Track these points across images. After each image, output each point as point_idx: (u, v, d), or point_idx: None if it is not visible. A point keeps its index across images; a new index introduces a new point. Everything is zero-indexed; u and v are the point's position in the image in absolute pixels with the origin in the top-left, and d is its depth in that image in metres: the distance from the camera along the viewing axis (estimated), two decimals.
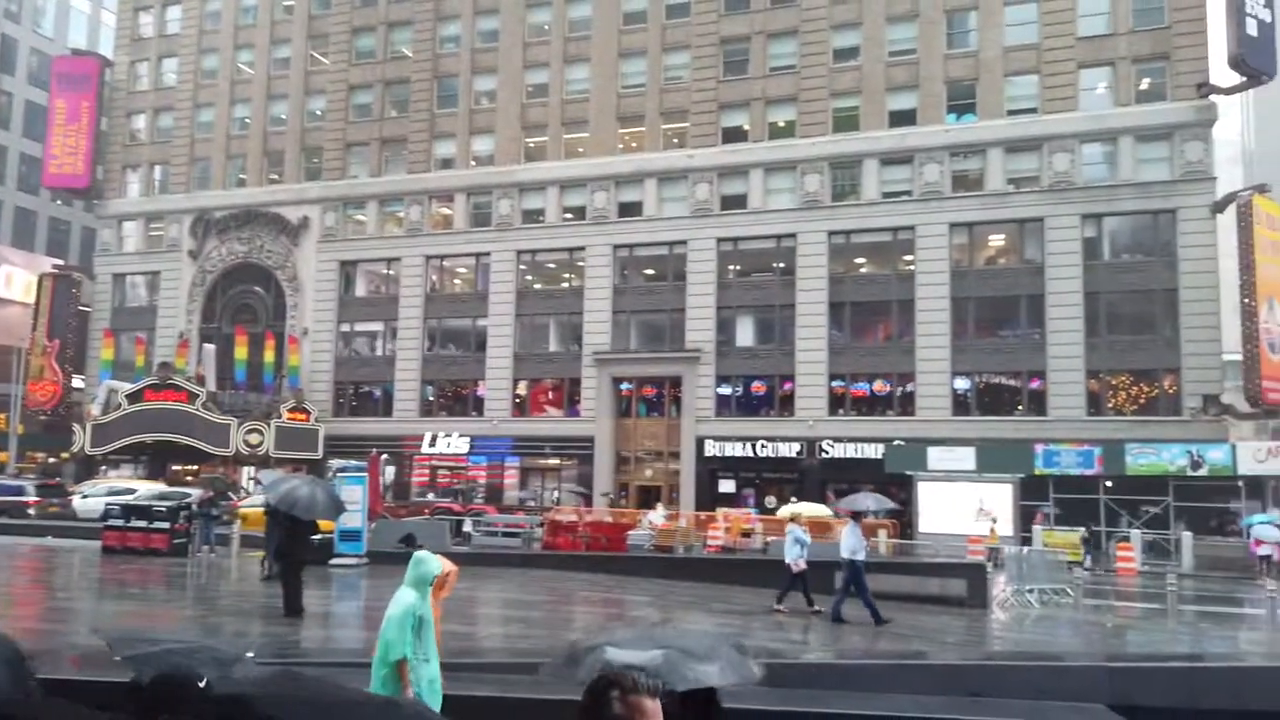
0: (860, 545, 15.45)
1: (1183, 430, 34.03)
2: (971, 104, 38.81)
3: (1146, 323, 36.20)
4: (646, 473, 42.62)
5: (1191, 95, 35.64)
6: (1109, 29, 37.02)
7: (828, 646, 13.13)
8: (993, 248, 39.54)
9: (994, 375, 37.99)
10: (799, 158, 40.69)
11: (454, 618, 14.33)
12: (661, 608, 16.66)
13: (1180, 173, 35.61)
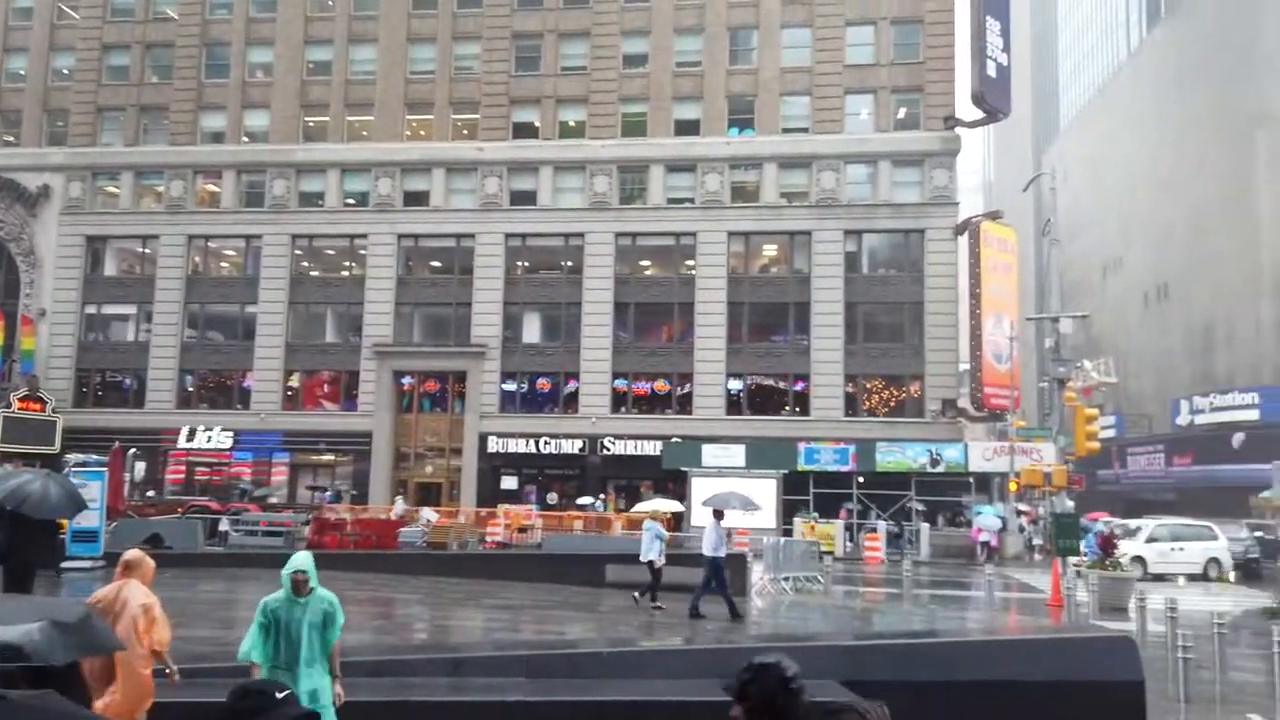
0: (722, 542, 15.60)
1: (925, 431, 37.50)
2: (751, 119, 40.86)
3: (897, 332, 39.55)
4: (427, 469, 41.71)
5: (940, 127, 39.34)
6: (873, 59, 40.15)
7: (593, 636, 13.44)
8: (766, 257, 41.81)
9: (764, 377, 40.16)
10: (589, 158, 41.24)
11: (205, 622, 13.42)
12: (432, 605, 16.39)
13: (929, 196, 39.21)
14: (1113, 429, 60.86)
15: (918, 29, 39.86)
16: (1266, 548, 29.98)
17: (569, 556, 19.99)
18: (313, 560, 6.45)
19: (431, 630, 14.40)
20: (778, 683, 2.90)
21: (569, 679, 7.97)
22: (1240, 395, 46.84)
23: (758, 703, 2.87)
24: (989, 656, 8.77)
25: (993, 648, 8.88)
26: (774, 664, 2.93)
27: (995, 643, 9.09)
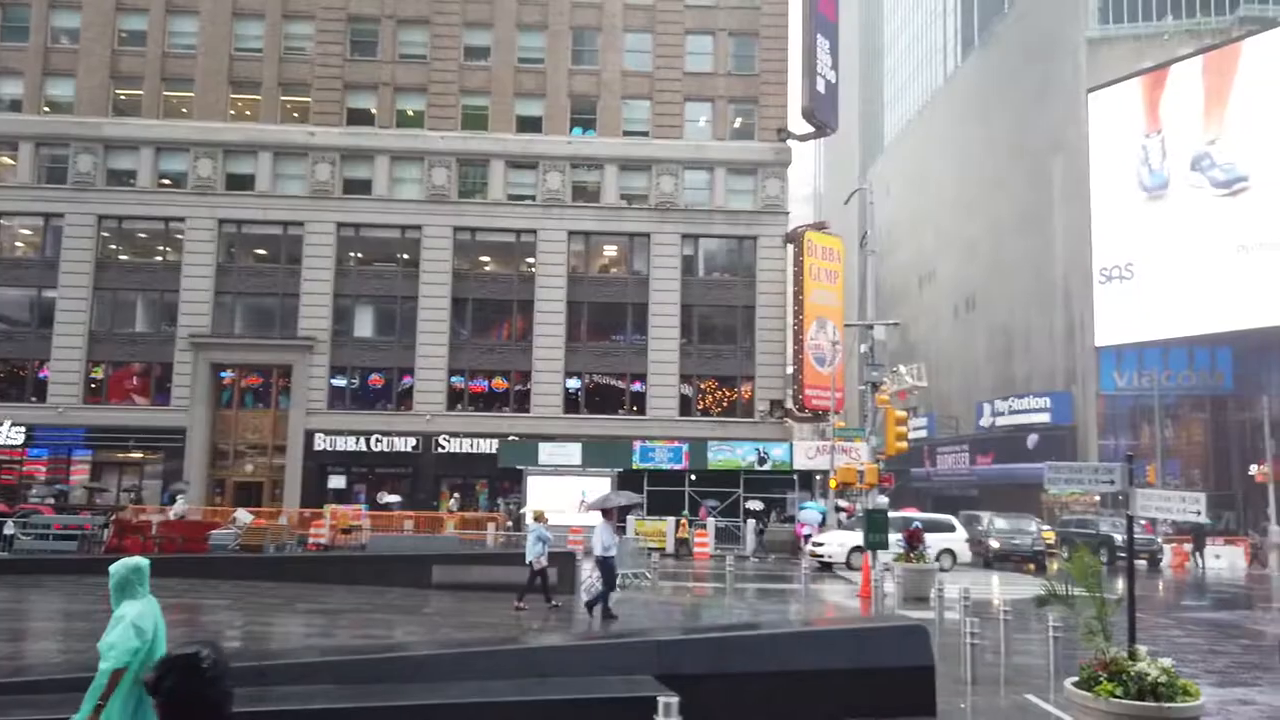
0: (612, 541, 15.67)
1: (754, 431, 38.88)
2: (593, 120, 41.11)
3: (730, 335, 40.80)
4: (247, 468, 39.61)
5: (773, 138, 40.86)
6: (712, 69, 41.24)
7: (413, 639, 13.18)
8: (606, 257, 42.18)
9: (602, 377, 40.49)
10: (427, 149, 40.34)
11: None
12: (242, 610, 15.60)
13: (762, 205, 40.66)
14: (924, 430, 65.15)
15: (754, 42, 41.25)
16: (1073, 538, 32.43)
17: (395, 558, 19.48)
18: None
19: (237, 637, 13.71)
20: (190, 673, 3.04)
21: (381, 684, 7.78)
22: (1035, 400, 51.10)
23: (175, 695, 2.96)
24: (794, 647, 9.20)
25: (797, 639, 9.34)
26: (189, 655, 3.08)
27: (799, 634, 9.55)
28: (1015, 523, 31.54)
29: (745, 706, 8.95)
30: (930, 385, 63.08)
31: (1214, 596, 24.75)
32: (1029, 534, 30.35)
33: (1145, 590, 25.65)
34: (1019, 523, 31.47)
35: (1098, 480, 8.57)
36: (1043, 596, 8.37)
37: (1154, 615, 20.34)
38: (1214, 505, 44.97)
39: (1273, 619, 20.72)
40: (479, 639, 12.11)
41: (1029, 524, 31.14)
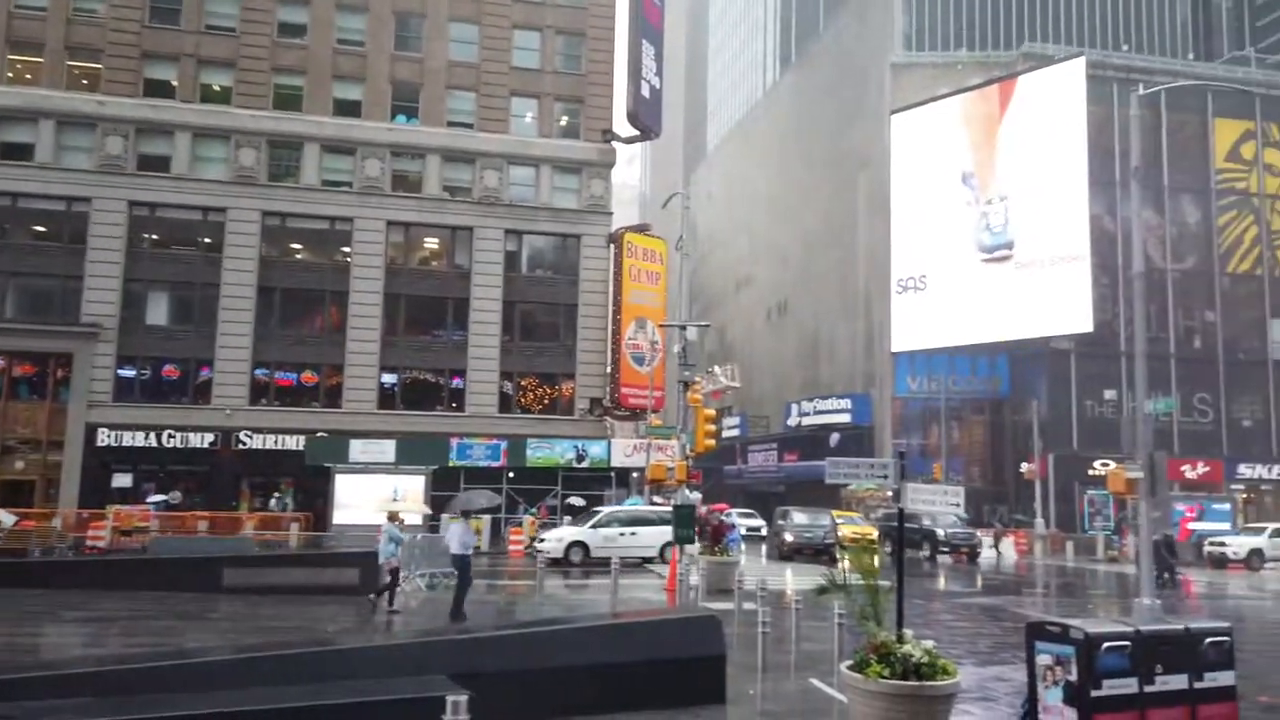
0: (471, 541, 15.73)
1: (574, 428, 39.13)
2: (415, 108, 40.07)
3: (552, 333, 40.85)
4: (17, 465, 36.00)
5: (599, 138, 41.24)
6: (539, 65, 41.14)
7: (196, 646, 12.41)
8: (427, 250, 41.23)
9: (420, 372, 39.55)
10: (235, 128, 38.06)
11: None
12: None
13: (586, 204, 40.95)
14: (737, 429, 67.63)
15: (580, 42, 41.49)
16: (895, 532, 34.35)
17: (181, 561, 18.20)
18: None
19: None
20: None
21: (147, 695, 7.28)
22: (837, 401, 54.10)
23: None
24: (591, 642, 9.35)
25: (594, 633, 9.49)
26: None
27: (596, 629, 9.72)
28: (814, 517, 32.80)
29: (544, 702, 9.01)
30: (744, 386, 65.55)
31: (987, 584, 27.05)
32: (822, 527, 31.51)
33: (938, 579, 27.74)
34: (816, 517, 32.74)
35: (873, 475, 9.19)
36: (823, 586, 8.89)
37: (934, 602, 22.03)
38: (990, 500, 49.24)
39: (1033, 603, 22.91)
40: (269, 643, 11.56)
41: (824, 518, 32.48)
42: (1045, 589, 25.90)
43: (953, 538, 33.16)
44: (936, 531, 32.98)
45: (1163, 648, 8.55)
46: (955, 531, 33.40)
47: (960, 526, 34.16)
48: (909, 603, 21.42)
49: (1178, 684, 8.48)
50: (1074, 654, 8.12)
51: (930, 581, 26.78)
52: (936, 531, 32.98)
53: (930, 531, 33.02)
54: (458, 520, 16.80)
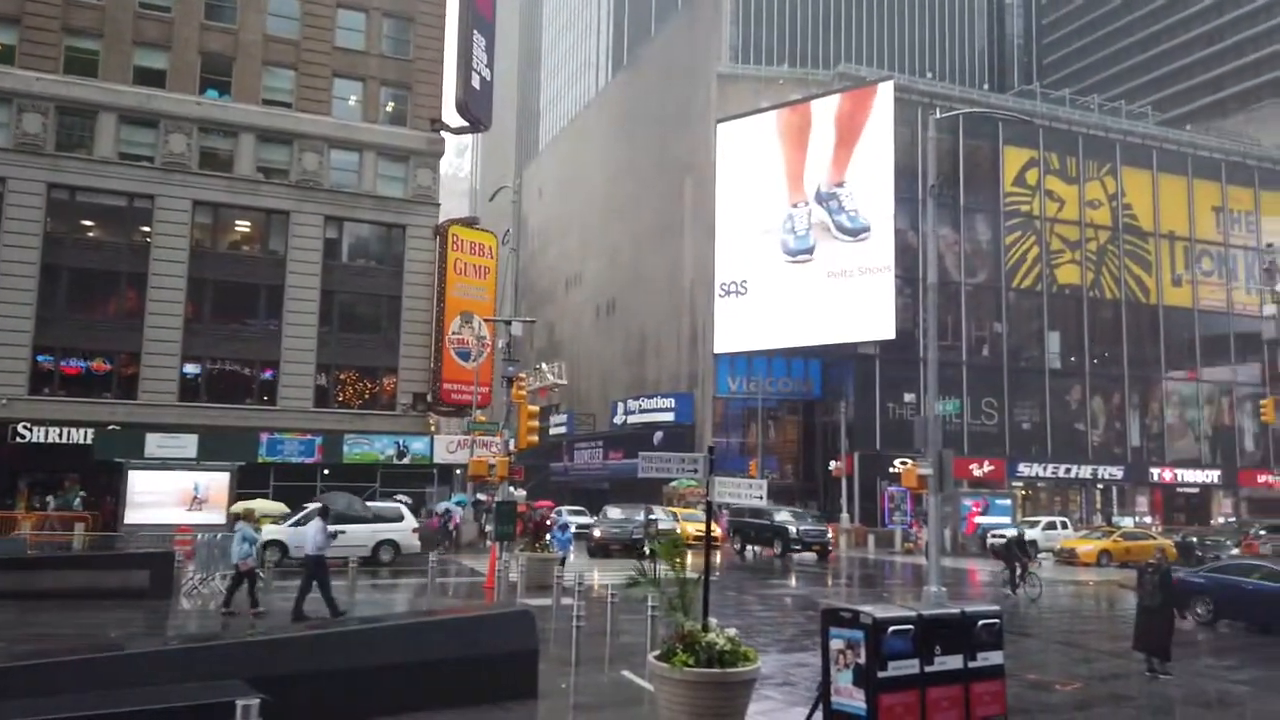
0: (325, 542, 15.69)
1: (395, 424, 38.03)
2: (227, 82, 37.73)
3: (374, 325, 39.52)
4: None
5: (427, 127, 40.26)
6: (364, 47, 39.68)
7: None
8: (238, 233, 38.90)
9: (228, 362, 37.31)
10: (18, 90, 34.57)
11: None
12: None
13: (412, 194, 39.88)
14: (564, 426, 67.86)
15: (409, 27, 40.36)
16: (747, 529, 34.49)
17: None
18: None
19: None
20: None
21: None
22: (662, 400, 55.31)
23: None
24: (401, 640, 9.15)
25: (400, 632, 9.29)
26: None
27: (403, 627, 9.52)
28: (628, 513, 33.13)
29: (351, 703, 8.73)
30: (571, 384, 65.90)
31: (796, 575, 28.39)
32: (632, 523, 31.84)
33: (755, 572, 28.85)
34: (630, 513, 33.10)
35: (683, 469, 9.47)
36: (633, 578, 9.08)
37: (747, 594, 22.93)
38: (802, 496, 51.69)
39: (837, 593, 24.26)
40: (42, 650, 10.59)
41: (638, 514, 33.03)
42: (849, 580, 27.47)
43: (805, 535, 32.78)
44: (789, 529, 32.71)
45: (942, 630, 9.27)
46: (808, 529, 33.13)
47: (813, 524, 34.10)
48: (723, 595, 22.23)
49: (954, 664, 9.21)
50: (863, 638, 8.68)
51: (745, 574, 27.84)
52: (789, 529, 32.71)
53: (782, 529, 32.77)
54: (314, 520, 16.70)
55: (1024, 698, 11.39)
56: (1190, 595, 18.69)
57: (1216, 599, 18.55)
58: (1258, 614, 18.10)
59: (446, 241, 39.73)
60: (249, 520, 16.66)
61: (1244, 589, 18.05)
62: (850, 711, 8.67)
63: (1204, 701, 11.94)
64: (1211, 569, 20.27)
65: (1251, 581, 18.07)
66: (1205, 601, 18.69)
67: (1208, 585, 18.93)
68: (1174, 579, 17.57)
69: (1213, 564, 21.92)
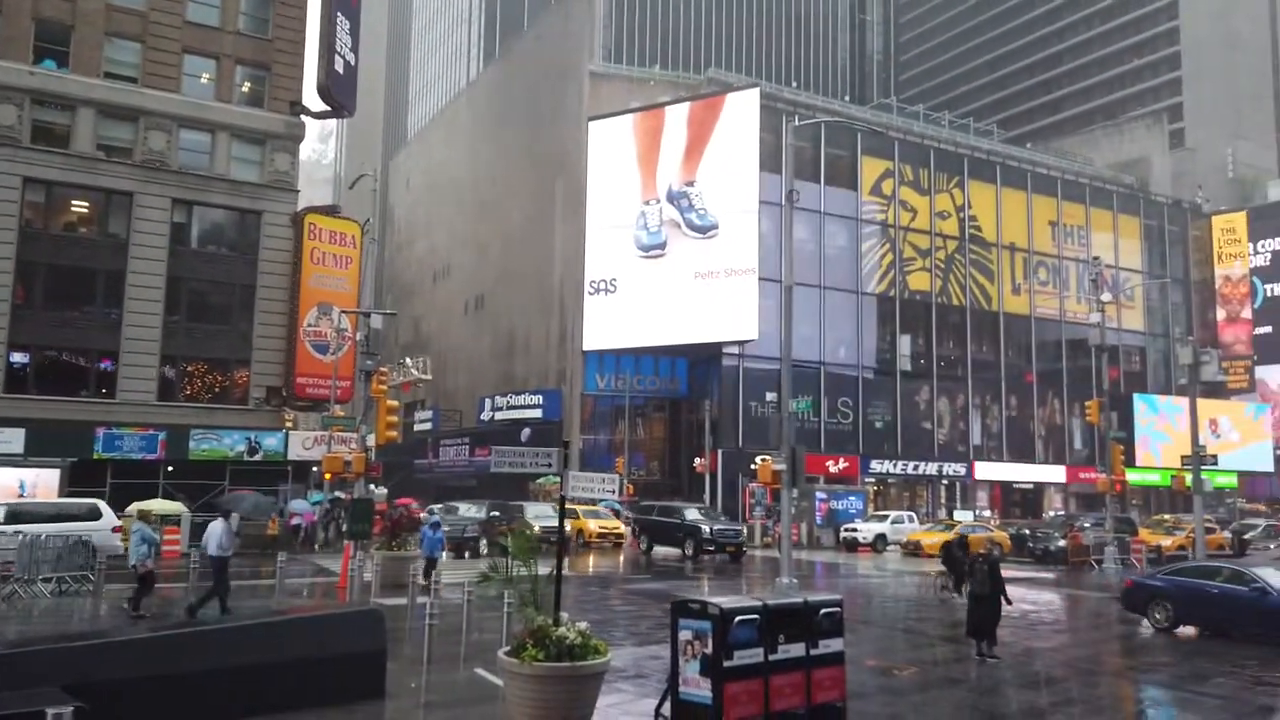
0: (230, 544, 15.77)
1: (247, 419, 36.36)
2: (65, 53, 35.16)
3: (226, 315, 37.65)
4: None
5: (286, 110, 38.64)
6: (219, 23, 37.72)
7: None
8: (75, 214, 36.30)
9: (61, 352, 34.82)
10: None
11: None
12: None
13: (269, 179, 38.20)
14: (430, 423, 66.59)
15: (268, 5, 38.63)
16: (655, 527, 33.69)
17: None
18: None
19: None
20: None
21: None
22: (530, 397, 55.04)
23: None
24: (240, 642, 8.78)
25: (244, 633, 8.92)
26: None
27: (246, 628, 9.15)
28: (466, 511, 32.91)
29: (185, 709, 8.32)
30: (438, 379, 64.72)
31: (657, 571, 28.79)
32: (468, 520, 31.46)
33: (618, 567, 29.05)
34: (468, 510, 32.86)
35: (537, 464, 9.47)
36: (484, 573, 9.03)
37: (610, 589, 23.10)
38: (667, 492, 52.43)
39: (696, 586, 24.73)
40: None
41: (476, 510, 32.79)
42: (710, 574, 28.02)
43: (719, 535, 30.92)
44: (701, 528, 30.86)
45: (786, 620, 9.60)
46: (722, 529, 31.44)
47: (726, 523, 32.70)
48: (585, 591, 22.34)
49: (797, 651, 9.56)
50: (711, 628, 8.90)
51: (610, 570, 28.05)
52: (701, 528, 30.86)
53: (694, 528, 30.82)
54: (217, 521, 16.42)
55: (864, 682, 11.94)
56: (1148, 599, 18.06)
57: (1177, 603, 17.57)
58: (1221, 619, 16.99)
59: (303, 229, 38.26)
60: (147, 521, 16.05)
61: (1209, 592, 16.91)
62: (696, 701, 8.88)
63: (1028, 683, 12.80)
64: (1172, 570, 19.12)
65: (1216, 585, 16.94)
66: (1164, 606, 17.73)
67: (1167, 588, 17.91)
68: (1128, 581, 18.51)
69: (1173, 565, 20.67)
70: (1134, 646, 17.02)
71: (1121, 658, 15.84)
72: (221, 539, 15.66)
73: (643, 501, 40.46)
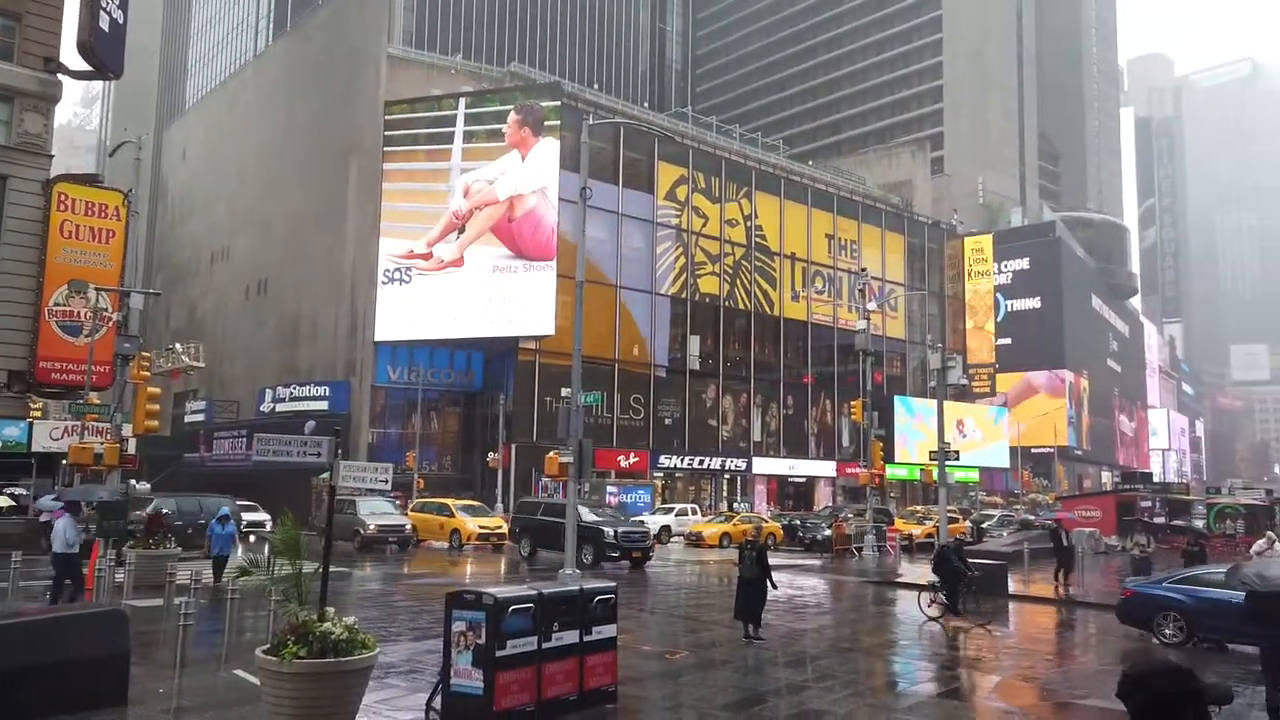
0: (75, 539, 15.54)
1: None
2: None
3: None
4: None
5: (39, 66, 34.82)
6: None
7: None
8: None
9: None
10: None
11: None
12: None
13: (17, 141, 34.25)
14: (203, 413, 62.18)
15: None
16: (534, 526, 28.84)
17: None
18: None
19: None
20: None
21: None
22: (315, 388, 52.60)
23: None
24: None
25: None
26: None
27: None
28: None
29: None
30: (213, 367, 60.57)
31: (445, 567, 28.38)
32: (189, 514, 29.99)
33: (403, 565, 28.29)
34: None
35: (305, 453, 9.17)
36: (243, 567, 8.64)
37: (396, 585, 22.55)
38: (458, 487, 51.76)
39: (483, 580, 24.60)
40: None
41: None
42: (500, 568, 27.94)
43: (624, 539, 27.41)
44: (604, 531, 27.01)
45: (561, 607, 9.84)
46: (628, 531, 28.07)
47: (632, 526, 29.25)
48: (365, 587, 21.71)
49: (571, 639, 9.82)
50: (484, 618, 8.98)
51: (396, 566, 27.34)
52: (604, 531, 27.01)
53: (595, 531, 26.61)
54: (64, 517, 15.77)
55: (637, 666, 12.38)
56: (1154, 611, 15.89)
57: (1190, 615, 15.38)
58: (1243, 631, 13.35)
59: (52, 199, 34.62)
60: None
61: (1232, 604, 13.38)
62: (467, 692, 8.93)
63: (789, 663, 13.71)
64: (1182, 578, 16.55)
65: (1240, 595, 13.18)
66: (1175, 619, 15.58)
67: (1180, 600, 15.61)
68: (1127, 591, 16.85)
69: (1182, 573, 17.60)
70: (886, 625, 18.62)
71: (874, 636, 17.28)
72: (66, 535, 15.14)
73: (526, 498, 37.00)
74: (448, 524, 34.13)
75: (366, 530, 31.57)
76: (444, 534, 34.22)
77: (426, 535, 34.54)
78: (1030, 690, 12.73)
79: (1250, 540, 28.08)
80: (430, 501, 38.24)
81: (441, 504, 36.30)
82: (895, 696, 11.84)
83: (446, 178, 49.85)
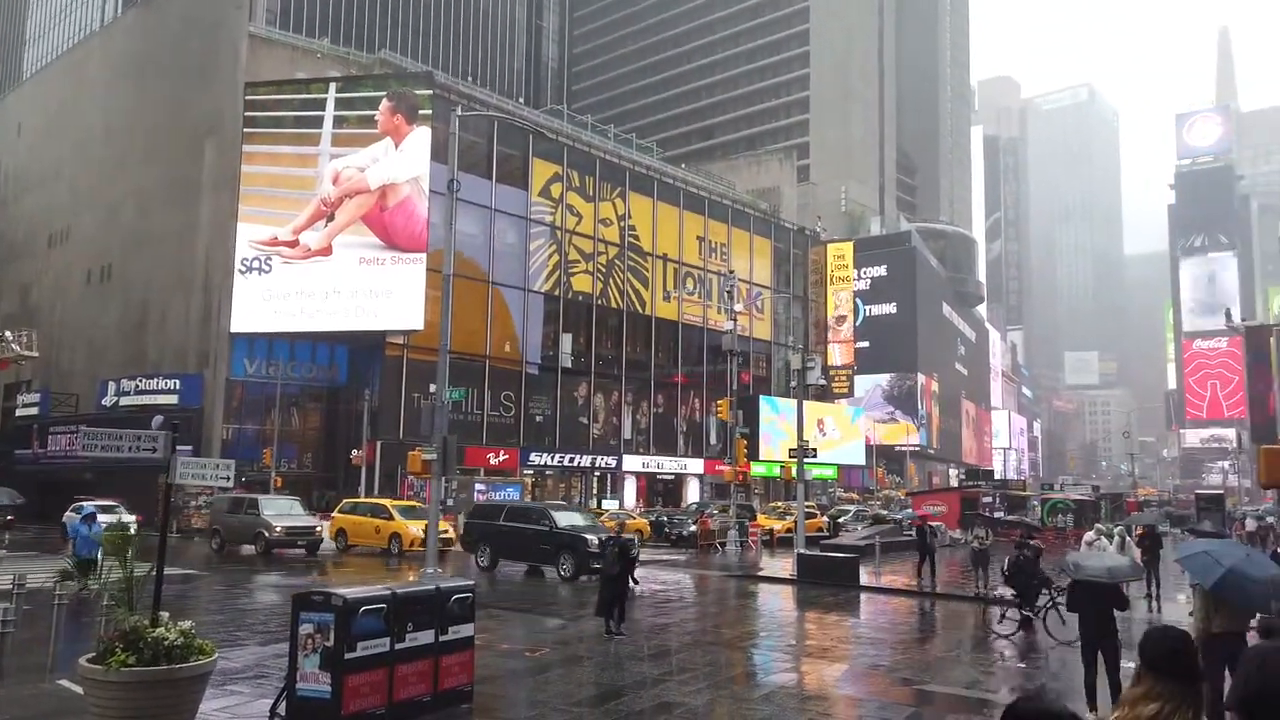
0: None
1: None
2: None
3: None
4: None
5: None
6: None
7: None
8: None
9: None
10: None
11: None
12: None
13: None
14: (37, 407, 57.85)
15: None
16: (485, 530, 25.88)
17: None
18: None
19: None
20: None
21: None
22: (164, 380, 49.76)
23: None
24: None
25: None
26: None
27: None
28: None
29: None
30: (50, 358, 56.48)
31: (308, 567, 27.33)
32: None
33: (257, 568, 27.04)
34: None
35: (139, 448, 8.67)
36: (65, 570, 8.10)
37: (240, 587, 21.55)
38: (320, 485, 50.09)
39: (345, 582, 23.82)
40: None
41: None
42: (358, 569, 27.10)
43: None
44: (584, 539, 24.46)
45: (415, 607, 9.64)
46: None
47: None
48: (211, 590, 20.71)
49: (426, 639, 9.64)
50: (333, 620, 8.70)
51: (248, 568, 26.15)
52: (584, 539, 24.46)
53: (572, 538, 24.40)
54: None
55: (497, 665, 12.28)
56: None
57: None
58: None
59: None
60: None
61: None
62: (314, 696, 8.63)
63: (647, 656, 13.87)
64: None
65: None
66: None
67: None
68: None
69: None
70: (746, 618, 19.10)
71: (734, 629, 17.68)
72: None
73: (483, 502, 34.86)
74: (385, 527, 30.09)
75: (272, 533, 28.79)
76: (381, 538, 30.18)
77: (358, 539, 31.10)
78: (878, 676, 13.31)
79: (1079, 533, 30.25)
80: (363, 502, 35.19)
81: (377, 504, 32.81)
82: (751, 687, 12.16)
83: (315, 163, 48.04)
